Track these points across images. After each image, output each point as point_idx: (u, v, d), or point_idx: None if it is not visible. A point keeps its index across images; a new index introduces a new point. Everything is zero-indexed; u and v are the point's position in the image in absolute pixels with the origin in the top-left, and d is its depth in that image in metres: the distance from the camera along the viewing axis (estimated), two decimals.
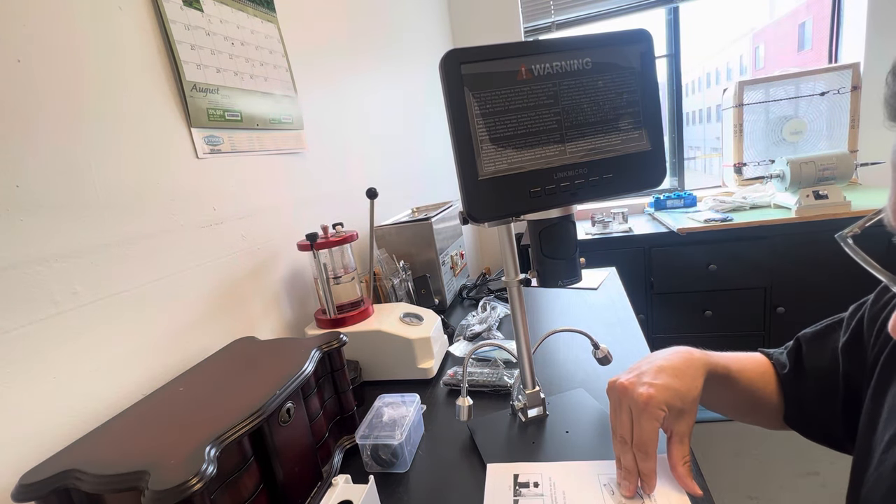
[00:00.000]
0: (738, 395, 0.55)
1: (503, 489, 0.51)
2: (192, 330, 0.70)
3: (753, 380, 0.55)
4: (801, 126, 2.01)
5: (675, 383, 0.47)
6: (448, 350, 0.93)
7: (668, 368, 0.49)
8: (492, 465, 0.55)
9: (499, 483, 0.52)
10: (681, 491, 0.46)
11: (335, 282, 0.86)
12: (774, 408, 0.56)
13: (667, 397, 0.46)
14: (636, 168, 0.52)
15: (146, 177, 0.65)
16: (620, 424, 0.48)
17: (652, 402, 0.45)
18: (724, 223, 1.77)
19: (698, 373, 0.49)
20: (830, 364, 0.51)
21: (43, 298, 0.50)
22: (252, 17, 0.88)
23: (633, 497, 0.47)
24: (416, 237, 1.15)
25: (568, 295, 1.18)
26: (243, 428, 0.44)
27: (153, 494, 0.36)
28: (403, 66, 1.73)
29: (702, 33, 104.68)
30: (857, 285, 0.54)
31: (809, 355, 0.54)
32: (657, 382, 0.47)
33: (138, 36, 0.65)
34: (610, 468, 0.51)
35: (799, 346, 0.55)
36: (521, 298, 0.61)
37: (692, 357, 0.51)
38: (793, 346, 0.56)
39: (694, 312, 1.91)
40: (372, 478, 0.50)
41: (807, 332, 0.55)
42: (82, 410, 0.53)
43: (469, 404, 0.61)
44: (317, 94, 1.09)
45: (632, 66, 0.50)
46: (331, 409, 0.65)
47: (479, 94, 0.46)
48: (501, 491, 0.51)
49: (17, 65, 0.50)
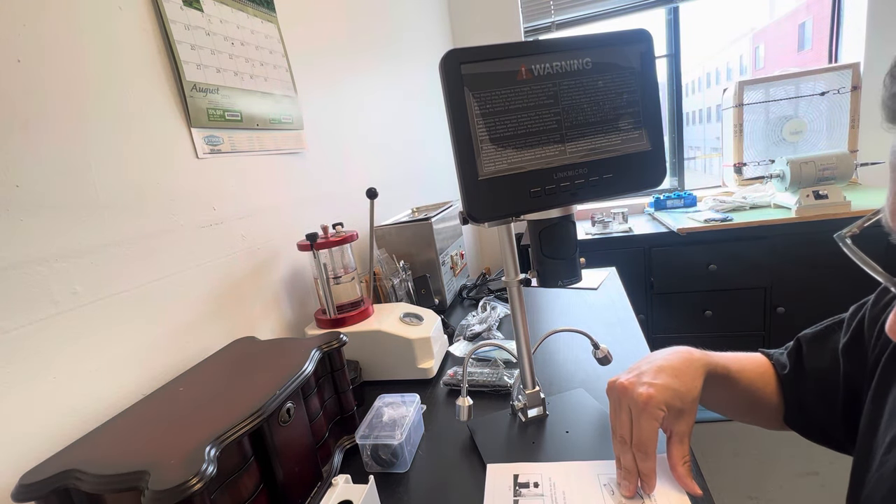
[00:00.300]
0: (737, 396, 0.55)
1: (503, 489, 0.51)
2: (192, 330, 0.70)
3: (753, 380, 0.55)
4: (801, 126, 2.01)
5: (674, 383, 0.47)
6: (448, 350, 0.93)
7: (667, 368, 0.49)
8: (492, 466, 0.55)
9: (499, 483, 0.52)
10: (681, 491, 0.46)
11: (335, 282, 0.86)
12: (774, 408, 0.56)
13: (666, 397, 0.46)
14: (636, 168, 0.52)
15: (146, 177, 0.65)
16: (620, 424, 0.48)
17: (651, 402, 0.45)
18: (724, 223, 1.77)
19: (698, 373, 0.49)
20: (831, 365, 0.51)
21: (43, 298, 0.51)
22: (252, 17, 0.88)
23: (633, 497, 0.47)
24: (416, 237, 1.15)
25: (568, 295, 1.18)
26: (243, 428, 0.44)
27: (153, 494, 0.36)
28: (403, 66, 1.73)
29: (702, 33, 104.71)
30: (856, 285, 0.54)
31: (810, 356, 0.54)
32: (657, 382, 0.47)
33: (138, 36, 0.65)
34: (610, 468, 0.51)
35: (799, 346, 0.55)
36: (521, 298, 0.61)
37: (692, 357, 0.51)
38: (793, 346, 0.56)
39: (694, 312, 1.91)
40: (372, 478, 0.50)
41: (807, 332, 0.55)
42: (82, 410, 0.53)
43: (469, 404, 0.61)
44: (317, 94, 1.09)
45: (632, 66, 0.50)
46: (331, 409, 0.65)
47: (479, 94, 0.46)
48: (501, 491, 0.51)
49: (18, 65, 0.50)
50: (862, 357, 0.47)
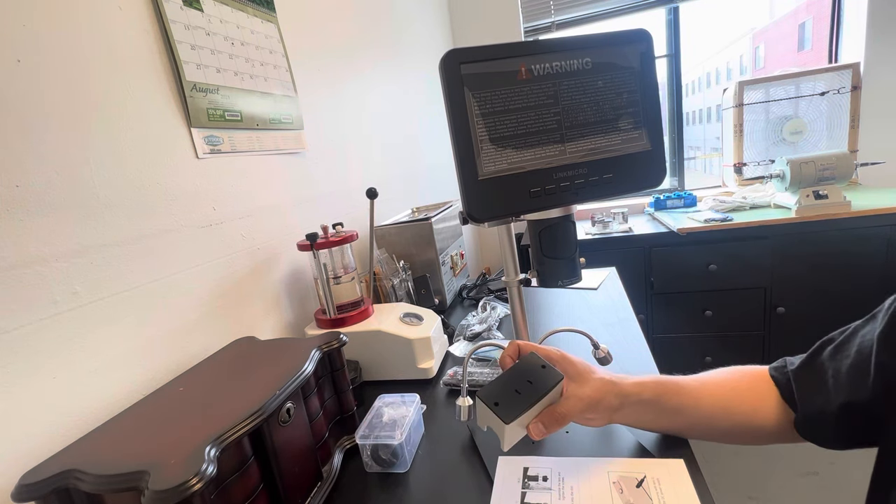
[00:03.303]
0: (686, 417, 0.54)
1: (512, 481, 0.52)
2: (192, 330, 0.70)
3: (721, 397, 0.53)
4: (801, 126, 2.01)
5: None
6: (448, 350, 0.93)
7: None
8: (503, 458, 0.56)
9: (508, 475, 0.53)
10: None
11: (335, 282, 0.86)
12: (770, 422, 0.52)
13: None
14: (636, 168, 0.52)
15: (146, 177, 0.65)
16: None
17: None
18: (724, 223, 1.77)
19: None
20: (860, 353, 0.45)
21: (43, 298, 0.51)
22: (252, 17, 0.88)
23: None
24: (416, 237, 1.15)
25: (568, 295, 1.18)
26: (243, 428, 0.44)
27: (153, 494, 0.36)
28: (403, 66, 1.73)
29: (702, 33, 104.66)
30: (856, 285, 0.54)
31: (828, 354, 0.49)
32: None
33: (138, 36, 0.65)
34: (620, 465, 0.51)
35: (818, 347, 0.51)
36: (521, 298, 0.61)
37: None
38: (813, 349, 0.52)
39: (694, 312, 1.90)
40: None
41: (831, 336, 0.51)
42: (82, 410, 0.53)
43: (469, 404, 0.61)
44: (317, 94, 1.09)
45: (632, 66, 0.50)
46: (331, 409, 0.65)
47: (479, 94, 0.46)
48: (510, 483, 0.51)
49: (17, 65, 0.50)
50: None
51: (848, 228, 1.66)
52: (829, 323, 0.52)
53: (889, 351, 0.43)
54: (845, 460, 0.51)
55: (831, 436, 0.48)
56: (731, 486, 1.58)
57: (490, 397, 0.49)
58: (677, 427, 0.55)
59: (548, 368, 0.51)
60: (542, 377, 0.51)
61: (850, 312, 0.49)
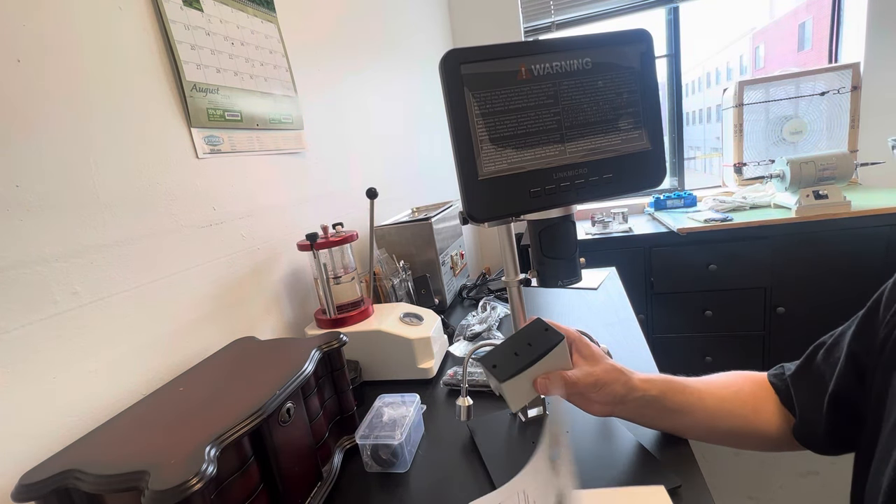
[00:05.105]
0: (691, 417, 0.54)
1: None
2: (192, 330, 0.70)
3: (724, 399, 0.53)
4: (801, 126, 2.01)
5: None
6: (448, 350, 0.93)
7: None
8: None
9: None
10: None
11: (335, 282, 0.86)
12: (770, 428, 0.53)
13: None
14: (636, 168, 0.52)
15: (146, 176, 0.65)
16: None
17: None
18: (724, 223, 1.77)
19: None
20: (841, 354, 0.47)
21: (43, 298, 0.51)
22: (252, 16, 0.88)
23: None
24: (416, 237, 1.15)
25: (568, 295, 1.18)
26: (243, 428, 0.44)
27: (153, 494, 0.36)
28: (403, 66, 1.73)
29: (702, 33, 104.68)
30: (856, 285, 0.54)
31: (821, 355, 0.50)
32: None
33: (138, 36, 0.65)
34: (598, 497, 0.48)
35: (812, 349, 0.52)
36: (521, 298, 0.61)
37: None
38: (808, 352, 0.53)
39: (694, 312, 1.90)
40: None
41: (822, 340, 0.52)
42: (82, 410, 0.53)
43: (469, 404, 0.61)
44: (317, 93, 1.09)
45: (632, 66, 0.50)
46: (331, 409, 0.65)
47: (479, 94, 0.46)
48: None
49: (17, 65, 0.50)
50: (872, 335, 0.43)
51: (848, 228, 1.66)
52: (829, 323, 0.52)
53: (857, 340, 0.45)
54: (846, 461, 0.51)
55: (823, 439, 0.48)
56: (731, 486, 1.58)
57: (489, 360, 0.50)
58: (679, 426, 0.55)
59: (550, 331, 0.52)
60: (542, 339, 0.51)
61: (850, 312, 0.49)
